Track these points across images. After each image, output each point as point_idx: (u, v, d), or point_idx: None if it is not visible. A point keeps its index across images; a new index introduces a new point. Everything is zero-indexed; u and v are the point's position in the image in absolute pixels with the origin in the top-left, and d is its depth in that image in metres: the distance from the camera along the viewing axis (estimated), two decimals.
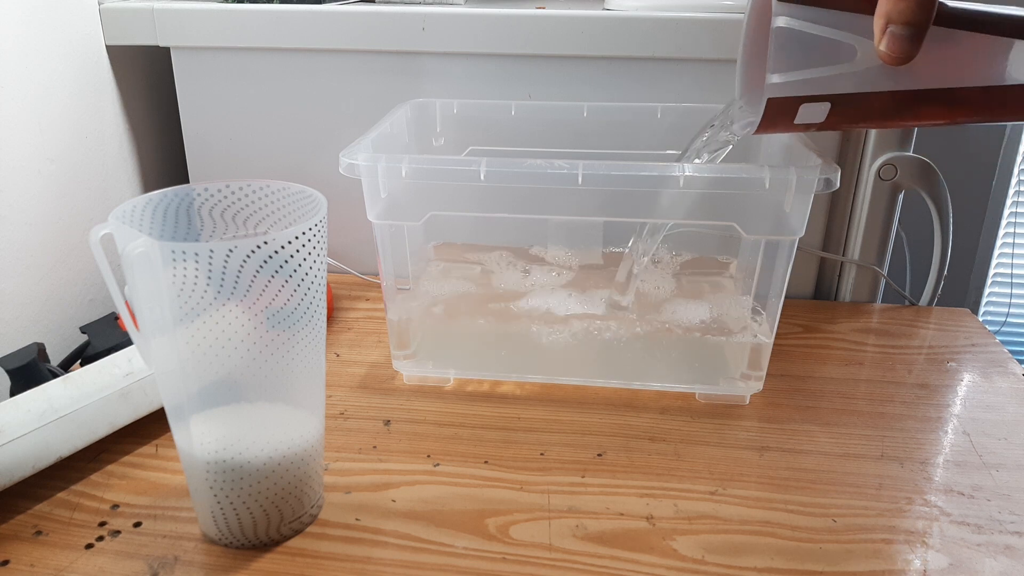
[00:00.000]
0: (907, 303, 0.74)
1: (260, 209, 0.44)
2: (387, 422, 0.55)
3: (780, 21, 0.40)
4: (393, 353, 0.59)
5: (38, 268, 0.63)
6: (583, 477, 0.49)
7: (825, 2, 0.39)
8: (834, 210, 0.73)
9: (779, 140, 0.59)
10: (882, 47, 0.37)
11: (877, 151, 0.69)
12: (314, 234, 0.38)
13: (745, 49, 0.47)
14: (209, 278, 0.36)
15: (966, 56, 0.39)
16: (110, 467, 0.50)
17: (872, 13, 0.38)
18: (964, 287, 1.24)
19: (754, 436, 0.53)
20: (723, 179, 0.49)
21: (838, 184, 0.48)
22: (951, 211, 0.71)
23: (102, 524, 0.45)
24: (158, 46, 0.71)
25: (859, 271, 0.74)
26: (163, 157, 0.80)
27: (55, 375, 0.52)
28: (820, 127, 0.42)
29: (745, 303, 0.58)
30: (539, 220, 0.61)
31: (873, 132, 0.69)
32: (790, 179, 0.48)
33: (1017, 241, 1.22)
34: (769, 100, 0.41)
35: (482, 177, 0.49)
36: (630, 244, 0.57)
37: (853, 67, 0.40)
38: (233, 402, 0.40)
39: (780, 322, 0.55)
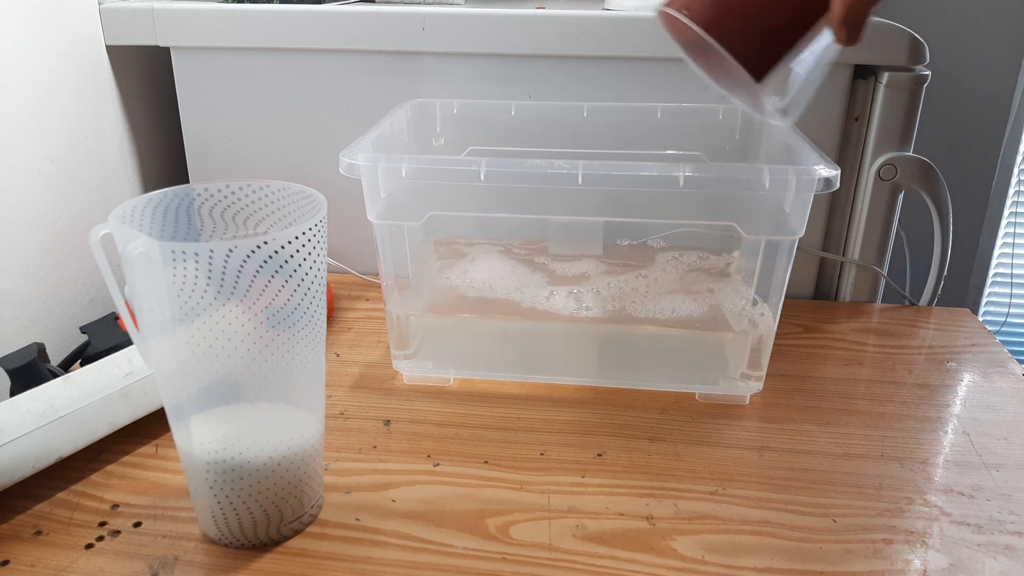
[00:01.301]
0: (907, 303, 0.74)
1: (260, 209, 0.44)
2: (387, 422, 0.55)
3: (771, 111, 0.41)
4: (393, 353, 0.59)
5: (38, 268, 0.63)
6: (583, 477, 0.49)
7: (783, 43, 0.40)
8: (834, 210, 0.73)
9: (779, 140, 0.59)
10: (840, 37, 0.39)
11: (877, 151, 0.69)
12: (314, 234, 0.38)
13: (714, 74, 0.47)
14: (209, 278, 0.36)
15: None
16: (110, 467, 0.50)
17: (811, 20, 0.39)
18: (964, 287, 1.24)
19: (754, 436, 0.53)
20: (723, 179, 0.49)
21: (838, 184, 0.48)
22: (951, 211, 0.71)
23: (102, 524, 0.45)
24: (158, 46, 0.71)
25: (859, 271, 0.74)
26: (163, 157, 0.80)
27: (55, 375, 0.52)
28: None
29: (746, 294, 0.58)
30: (539, 220, 0.61)
31: (873, 133, 0.69)
32: (790, 179, 0.48)
33: (1017, 241, 1.22)
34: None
35: (482, 177, 0.49)
36: None
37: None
38: (233, 402, 0.40)
39: (780, 322, 0.55)
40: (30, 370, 0.52)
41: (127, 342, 0.58)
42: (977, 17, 1.09)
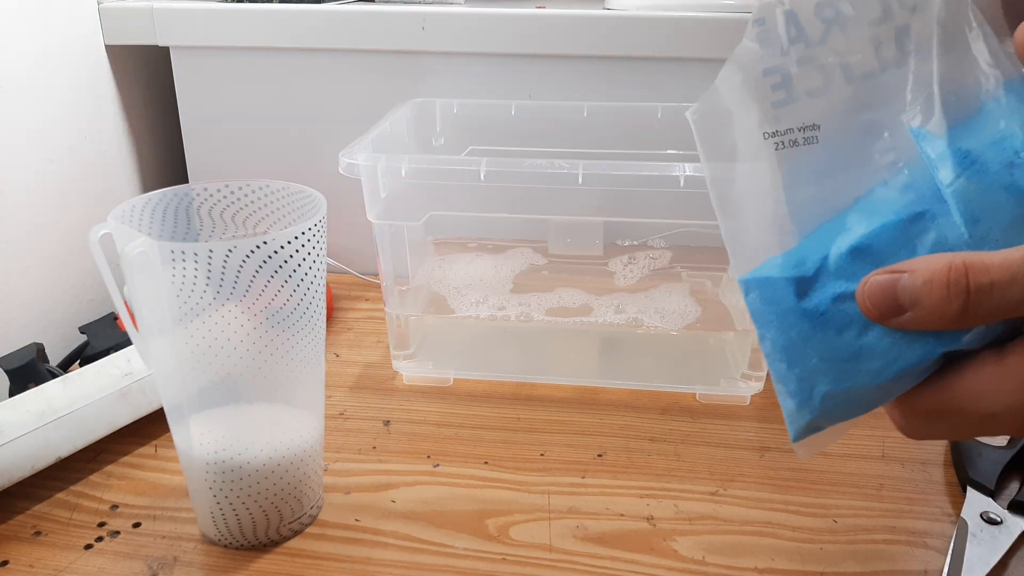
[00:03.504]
0: None
1: (260, 209, 0.44)
2: (387, 422, 0.54)
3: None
4: (393, 353, 0.59)
5: (38, 268, 0.63)
6: (583, 477, 0.49)
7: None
8: None
9: None
10: (869, 283, 0.28)
11: None
12: (314, 234, 0.38)
13: None
14: (208, 278, 0.36)
15: None
16: (109, 467, 0.50)
17: None
18: None
19: (755, 436, 0.53)
20: None
21: None
22: None
23: (101, 524, 0.45)
24: (157, 46, 0.71)
25: None
26: (163, 157, 0.80)
27: (54, 375, 0.52)
28: None
29: None
30: (539, 220, 0.61)
31: None
32: None
33: None
34: None
35: (482, 177, 0.49)
36: None
37: None
38: (232, 402, 0.40)
39: None
40: (29, 370, 0.52)
41: (126, 342, 0.58)
42: None
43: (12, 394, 0.50)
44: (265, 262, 0.36)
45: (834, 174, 0.31)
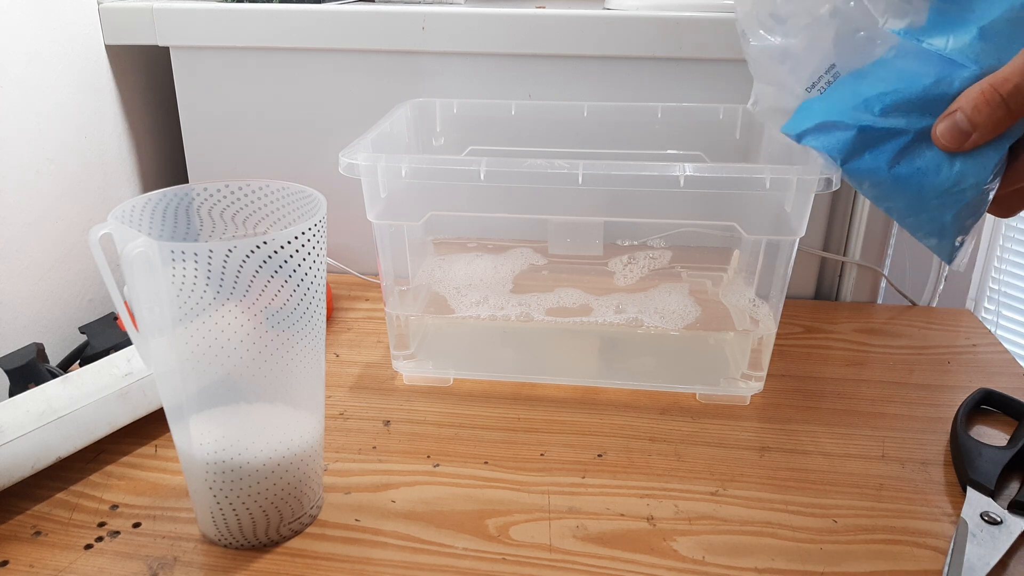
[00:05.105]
0: (907, 303, 0.74)
1: (260, 209, 0.44)
2: (387, 422, 0.54)
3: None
4: (393, 353, 0.59)
5: (38, 268, 0.63)
6: (583, 478, 0.49)
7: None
8: (835, 210, 0.73)
9: (780, 140, 0.59)
10: (938, 129, 0.40)
11: None
12: (314, 234, 0.38)
13: None
14: (208, 278, 0.36)
15: None
16: (109, 467, 0.50)
17: None
18: (964, 287, 1.24)
19: (755, 436, 0.53)
20: (723, 179, 0.49)
21: (839, 184, 0.48)
22: None
23: (101, 524, 0.45)
24: (157, 46, 0.71)
25: (860, 271, 0.73)
26: (163, 157, 0.80)
27: (54, 375, 0.52)
28: None
29: (746, 294, 0.58)
30: (539, 220, 0.61)
31: None
32: (790, 179, 0.48)
33: (1017, 238, 1.22)
34: None
35: (482, 177, 0.49)
36: None
37: None
38: (232, 402, 0.40)
39: (781, 322, 0.55)
40: (29, 370, 0.52)
41: (126, 342, 0.58)
42: None
43: (12, 394, 0.50)
44: (265, 262, 0.36)
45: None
